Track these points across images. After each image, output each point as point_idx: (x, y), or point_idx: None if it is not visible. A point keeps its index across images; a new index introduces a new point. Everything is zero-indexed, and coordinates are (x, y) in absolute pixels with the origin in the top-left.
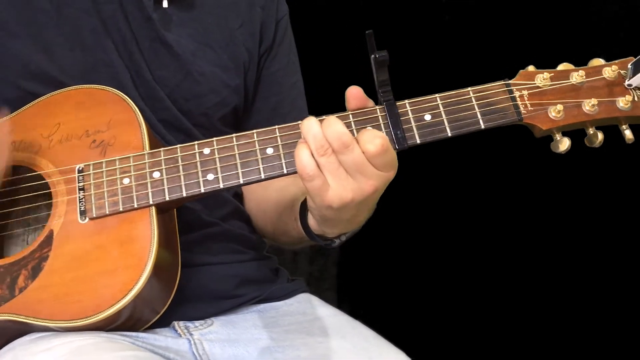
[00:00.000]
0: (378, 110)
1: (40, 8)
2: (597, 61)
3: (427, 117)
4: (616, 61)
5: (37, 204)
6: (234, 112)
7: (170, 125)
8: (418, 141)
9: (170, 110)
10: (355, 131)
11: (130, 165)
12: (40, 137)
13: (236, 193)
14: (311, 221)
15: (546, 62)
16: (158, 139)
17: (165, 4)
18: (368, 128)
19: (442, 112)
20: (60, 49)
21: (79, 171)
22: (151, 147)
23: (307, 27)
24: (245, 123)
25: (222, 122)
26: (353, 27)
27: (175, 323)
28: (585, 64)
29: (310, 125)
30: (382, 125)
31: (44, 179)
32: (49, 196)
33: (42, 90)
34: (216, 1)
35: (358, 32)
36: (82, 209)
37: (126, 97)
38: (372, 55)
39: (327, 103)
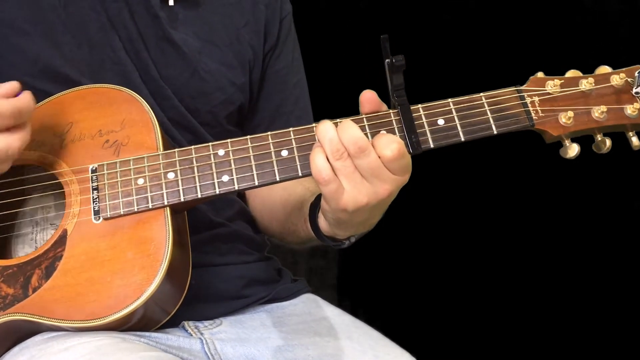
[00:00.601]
0: (392, 114)
1: (48, 6)
2: (604, 68)
3: (441, 121)
4: (623, 69)
5: (47, 204)
6: (240, 110)
7: (178, 124)
8: (432, 145)
9: (177, 109)
10: (369, 135)
11: (144, 166)
12: (53, 136)
13: (240, 193)
14: (322, 223)
15: (546, 61)
16: (167, 139)
17: (171, 2)
18: (383, 132)
19: (455, 117)
20: (68, 46)
21: (93, 171)
22: (164, 148)
23: (308, 28)
24: (249, 121)
25: (227, 121)
26: (353, 27)
27: (185, 323)
28: (587, 62)
29: (325, 129)
30: (396, 129)
31: (55, 179)
32: (58, 196)
33: (51, 88)
34: (221, 0)
35: (358, 32)
36: (96, 209)
37: (140, 97)
38: (387, 60)
39: (327, 104)
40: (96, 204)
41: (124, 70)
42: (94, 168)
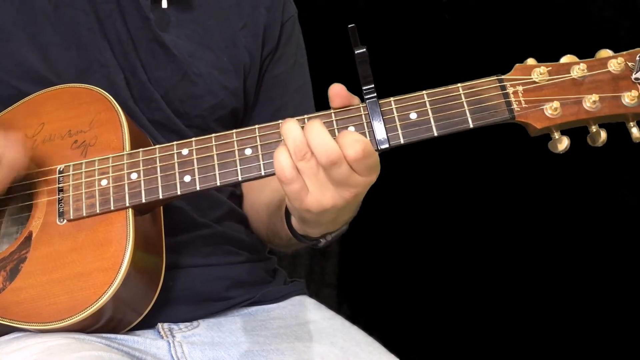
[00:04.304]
0: (362, 108)
1: (38, 8)
2: (605, 52)
3: (413, 115)
4: (624, 52)
5: (29, 203)
6: (232, 114)
7: (163, 127)
8: (402, 141)
9: (164, 112)
10: (336, 131)
11: (109, 166)
12: (25, 138)
13: (234, 194)
14: (294, 221)
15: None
16: (150, 140)
17: (164, 5)
18: (349, 129)
19: (429, 110)
20: (55, 48)
21: (60, 172)
22: (134, 148)
23: (306, 28)
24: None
25: (218, 124)
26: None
27: (160, 325)
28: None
29: (289, 128)
30: (365, 124)
31: (26, 180)
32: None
33: (34, 89)
34: (218, 2)
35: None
36: (61, 210)
37: (109, 96)
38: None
39: (325, 103)
40: (61, 205)
41: (109, 72)
42: (61, 169)
